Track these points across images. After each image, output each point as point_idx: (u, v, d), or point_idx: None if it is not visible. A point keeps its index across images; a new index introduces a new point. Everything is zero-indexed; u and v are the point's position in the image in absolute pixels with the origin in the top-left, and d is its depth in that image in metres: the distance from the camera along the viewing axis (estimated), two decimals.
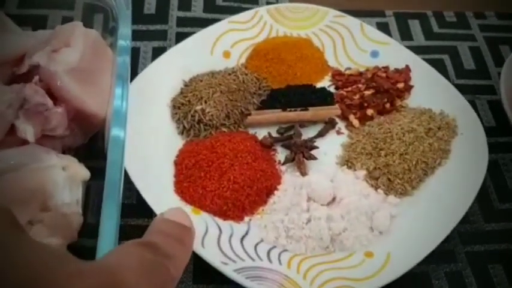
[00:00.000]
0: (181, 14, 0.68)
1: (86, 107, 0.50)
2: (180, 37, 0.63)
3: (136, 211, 0.52)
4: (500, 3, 0.74)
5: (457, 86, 0.63)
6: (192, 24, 0.66)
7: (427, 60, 0.65)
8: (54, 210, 0.45)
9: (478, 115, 0.61)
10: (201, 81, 0.59)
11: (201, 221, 0.49)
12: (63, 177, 0.46)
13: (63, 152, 0.51)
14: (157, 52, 0.62)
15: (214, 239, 0.48)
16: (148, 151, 0.53)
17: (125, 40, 0.51)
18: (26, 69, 0.49)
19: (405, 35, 0.69)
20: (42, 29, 0.57)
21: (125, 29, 0.52)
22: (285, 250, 0.49)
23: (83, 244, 0.43)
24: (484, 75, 0.66)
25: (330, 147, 0.57)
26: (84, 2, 0.59)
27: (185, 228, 0.37)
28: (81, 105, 0.50)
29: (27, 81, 0.48)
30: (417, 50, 0.67)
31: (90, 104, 0.50)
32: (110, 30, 0.56)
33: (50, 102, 0.48)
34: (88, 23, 0.58)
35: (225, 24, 0.63)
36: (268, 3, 0.70)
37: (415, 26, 0.70)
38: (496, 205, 0.55)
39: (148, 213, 0.51)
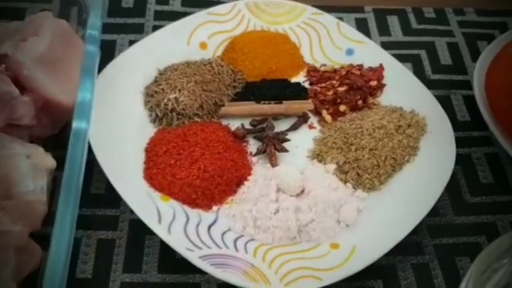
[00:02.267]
0: (159, 7, 0.68)
1: (53, 97, 0.50)
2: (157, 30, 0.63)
3: (104, 201, 0.52)
4: None
5: (433, 81, 0.65)
6: (170, 18, 0.66)
7: (404, 56, 0.66)
8: (17, 198, 0.45)
9: (453, 110, 0.63)
10: (176, 70, 0.59)
11: (169, 208, 0.49)
12: (27, 165, 0.46)
13: (31, 142, 0.51)
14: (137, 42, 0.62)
15: (181, 226, 0.48)
16: (119, 139, 0.53)
17: (93, 30, 0.51)
18: None
19: (383, 31, 0.70)
20: None
21: (95, 19, 0.53)
22: (252, 239, 0.49)
23: (48, 233, 0.43)
24: (461, 71, 0.67)
25: (302, 140, 0.57)
26: None
27: None
28: (48, 94, 0.50)
29: None
30: (394, 45, 0.68)
31: (58, 93, 0.50)
32: (83, 22, 0.56)
33: (16, 91, 0.48)
34: (65, 16, 0.58)
35: (203, 15, 0.63)
36: None
37: (393, 21, 0.71)
38: (467, 198, 0.56)
39: (116, 203, 0.52)
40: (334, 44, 0.64)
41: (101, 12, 0.55)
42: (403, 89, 0.60)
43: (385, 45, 0.68)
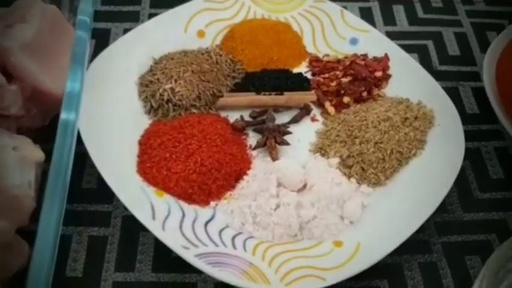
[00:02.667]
0: None
1: (42, 86, 0.48)
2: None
3: (96, 196, 0.50)
4: None
5: (440, 72, 0.62)
6: (166, 5, 0.63)
7: (410, 46, 0.64)
8: (3, 192, 0.42)
9: (461, 102, 0.60)
10: (172, 59, 0.56)
11: (163, 204, 0.47)
12: (14, 158, 0.44)
13: (20, 133, 0.48)
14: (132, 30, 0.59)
15: (176, 222, 0.46)
16: (112, 130, 0.51)
17: (83, 15, 0.49)
18: None
19: (388, 20, 0.67)
20: None
21: (86, 5, 0.50)
22: (251, 237, 0.46)
23: (36, 228, 0.41)
24: (469, 62, 0.64)
25: (304, 133, 0.55)
26: None
27: None
28: (37, 83, 0.47)
29: None
30: (400, 35, 0.66)
31: (48, 82, 0.48)
32: (74, 10, 0.53)
33: (2, 79, 0.46)
34: (56, 3, 0.55)
35: (201, 2, 0.61)
36: None
37: (399, 11, 0.69)
38: (476, 194, 0.54)
39: (108, 199, 0.49)
40: (337, 33, 0.61)
41: None
42: (409, 80, 0.58)
43: (391, 35, 0.65)
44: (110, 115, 0.52)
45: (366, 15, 0.67)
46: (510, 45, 0.58)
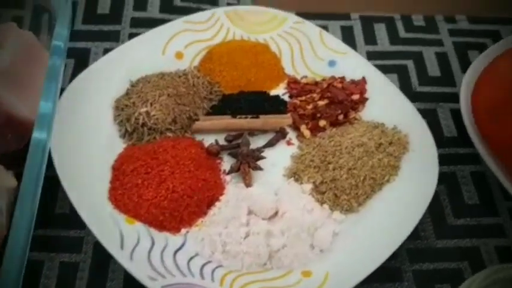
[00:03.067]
0: (136, 14, 0.66)
1: (17, 112, 0.48)
2: (133, 38, 0.61)
3: (69, 222, 0.50)
4: (472, 5, 0.72)
5: (419, 94, 0.62)
6: (147, 25, 0.63)
7: (390, 66, 0.63)
8: None
9: (439, 124, 0.60)
10: (149, 82, 0.56)
11: (133, 232, 0.47)
12: None
13: None
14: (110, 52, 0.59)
15: (144, 251, 0.46)
16: (85, 155, 0.51)
17: (58, 40, 0.49)
18: None
19: (369, 40, 0.67)
20: None
21: (61, 28, 0.50)
22: (220, 266, 0.47)
23: None
24: (449, 83, 0.64)
25: (279, 158, 0.55)
26: (33, 2, 0.57)
27: None
28: (11, 110, 0.47)
29: None
30: (381, 55, 0.65)
31: (22, 109, 0.48)
32: (52, 31, 0.53)
33: None
34: (36, 24, 0.56)
35: (180, 23, 0.61)
36: (229, 4, 0.68)
37: (380, 30, 0.68)
38: (450, 220, 0.53)
39: (81, 224, 0.49)
40: (316, 54, 0.61)
41: (68, 21, 0.52)
42: (386, 104, 0.57)
43: (371, 55, 0.65)
44: (84, 139, 0.52)
45: (347, 34, 0.67)
46: (489, 68, 0.57)
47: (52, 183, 0.49)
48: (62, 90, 0.54)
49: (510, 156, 0.51)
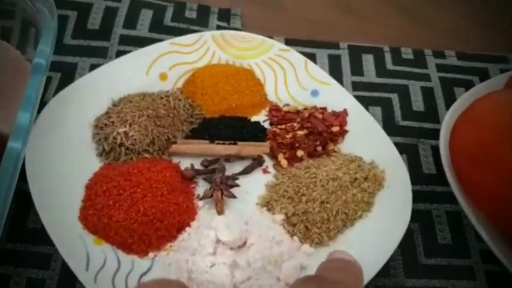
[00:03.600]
0: (126, 32, 0.66)
1: None
2: (121, 55, 0.61)
3: (40, 237, 0.49)
4: (462, 41, 0.72)
5: (401, 128, 0.62)
6: (136, 43, 0.63)
7: (375, 98, 0.64)
8: None
9: (419, 160, 0.60)
10: (130, 102, 0.56)
11: (100, 254, 0.47)
12: None
13: None
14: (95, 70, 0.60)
15: (109, 274, 0.46)
16: (61, 171, 0.51)
17: (40, 58, 0.49)
18: None
19: (356, 70, 0.67)
20: None
21: (45, 46, 0.50)
22: None
23: None
24: (432, 118, 0.64)
25: (254, 186, 0.55)
26: (21, 15, 0.57)
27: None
28: None
29: None
30: (366, 86, 0.65)
31: (2, 124, 0.48)
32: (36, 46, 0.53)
33: None
34: (24, 37, 0.56)
35: (166, 45, 0.61)
36: (219, 26, 0.68)
37: (368, 61, 0.68)
38: (421, 259, 0.53)
39: (51, 241, 0.49)
40: (299, 83, 0.61)
41: (52, 38, 0.52)
42: (365, 138, 0.58)
43: (356, 86, 0.65)
44: (60, 154, 0.52)
45: (334, 63, 0.67)
46: (469, 110, 0.57)
47: (26, 197, 0.49)
48: (45, 103, 0.54)
49: (483, 199, 0.51)
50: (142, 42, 0.64)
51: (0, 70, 0.51)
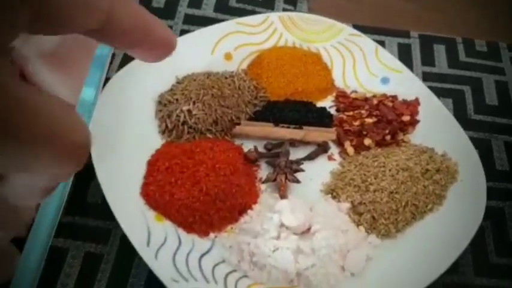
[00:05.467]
0: (190, 11, 0.65)
1: (58, 94, 0.47)
2: (185, 34, 0.60)
3: (99, 211, 0.49)
4: None
5: (474, 122, 0.59)
6: (199, 23, 0.62)
7: (446, 90, 0.61)
8: (2, 201, 0.42)
9: (492, 156, 0.57)
10: (195, 80, 0.55)
11: (161, 230, 0.46)
12: None
13: None
14: None
15: (170, 252, 0.45)
16: (123, 146, 0.50)
17: None
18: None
19: (427, 60, 0.64)
20: None
21: None
22: (245, 276, 0.45)
23: None
24: (506, 113, 0.61)
25: (318, 172, 0.53)
26: None
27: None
28: (52, 91, 0.47)
29: None
30: (437, 77, 0.63)
31: (63, 94, 0.47)
32: None
33: None
34: None
35: (232, 24, 0.60)
36: (285, 9, 0.66)
37: (440, 51, 0.65)
38: (492, 258, 0.50)
39: (111, 216, 0.48)
40: (369, 69, 0.59)
41: None
42: (437, 128, 0.55)
43: (427, 76, 0.63)
44: (123, 130, 0.51)
45: (404, 52, 0.64)
46: None
47: (86, 170, 0.48)
48: (108, 79, 0.53)
49: None
50: (206, 22, 0.63)
51: (68, 43, 0.50)
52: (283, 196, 0.50)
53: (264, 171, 0.52)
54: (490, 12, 0.72)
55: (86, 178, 0.50)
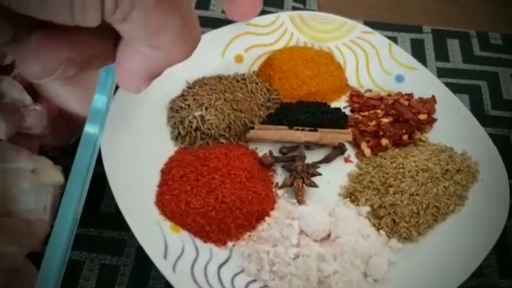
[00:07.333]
0: (199, 12, 0.63)
1: (69, 106, 0.46)
2: None
3: (113, 222, 0.48)
4: None
5: (491, 118, 0.58)
6: (208, 25, 0.61)
7: (462, 86, 0.60)
8: (16, 216, 0.41)
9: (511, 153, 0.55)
10: (206, 85, 0.54)
11: (178, 241, 0.45)
12: (31, 181, 0.43)
13: (45, 152, 0.47)
14: None
15: (188, 263, 0.43)
16: (135, 154, 0.49)
17: None
18: (10, 61, 0.45)
19: (441, 55, 0.63)
20: None
21: None
22: (266, 286, 0.44)
23: None
24: None
25: (335, 175, 0.51)
26: None
27: None
28: (63, 103, 0.46)
29: (8, 74, 0.45)
30: (452, 72, 0.62)
31: (74, 103, 0.46)
32: None
33: (28, 98, 0.45)
34: None
35: (242, 25, 0.58)
36: (294, 7, 0.65)
37: (453, 46, 0.64)
38: None
39: (126, 226, 0.47)
40: (383, 68, 0.58)
41: None
42: (456, 127, 0.53)
43: (441, 72, 0.61)
44: (135, 138, 0.50)
45: (417, 47, 0.63)
46: None
47: (99, 180, 0.48)
48: (118, 86, 0.52)
49: None
50: (216, 23, 0.61)
51: None
52: (301, 201, 0.49)
53: (280, 176, 0.51)
54: (502, 3, 0.70)
55: (98, 188, 0.49)
